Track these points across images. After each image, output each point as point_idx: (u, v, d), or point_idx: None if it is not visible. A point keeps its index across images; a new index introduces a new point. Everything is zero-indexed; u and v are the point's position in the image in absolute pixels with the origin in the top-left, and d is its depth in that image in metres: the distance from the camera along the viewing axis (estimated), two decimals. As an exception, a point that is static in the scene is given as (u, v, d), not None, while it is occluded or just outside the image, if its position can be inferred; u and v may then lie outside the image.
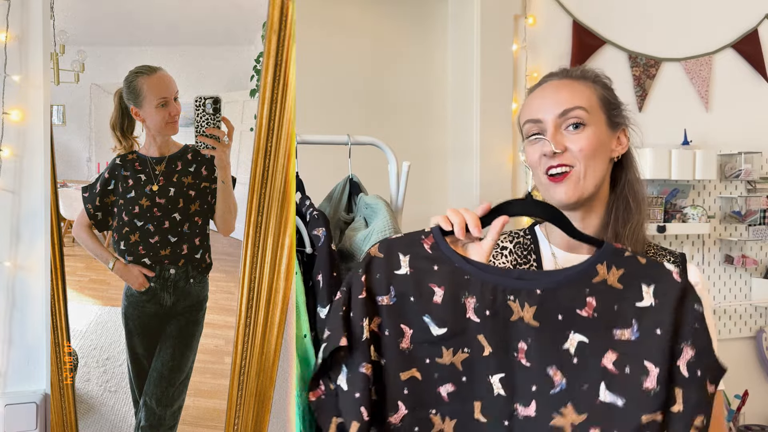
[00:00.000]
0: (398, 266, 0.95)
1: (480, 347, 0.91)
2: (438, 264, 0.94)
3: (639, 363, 0.85)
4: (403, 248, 0.96)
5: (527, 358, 0.89)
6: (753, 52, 2.46)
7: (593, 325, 0.88)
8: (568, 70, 1.16)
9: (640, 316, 0.87)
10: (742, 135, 2.44)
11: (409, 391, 0.92)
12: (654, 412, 0.83)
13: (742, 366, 2.47)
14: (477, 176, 2.04)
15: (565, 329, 0.88)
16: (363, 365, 0.90)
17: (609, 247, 0.91)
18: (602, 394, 0.86)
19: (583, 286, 0.89)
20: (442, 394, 0.92)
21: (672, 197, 2.28)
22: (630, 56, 2.29)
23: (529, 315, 0.89)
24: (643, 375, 0.85)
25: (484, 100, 2.05)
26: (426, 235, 0.96)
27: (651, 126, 2.27)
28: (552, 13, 2.19)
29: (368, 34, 2.08)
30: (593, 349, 0.87)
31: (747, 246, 2.46)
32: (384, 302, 0.94)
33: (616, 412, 0.85)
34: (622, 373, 0.86)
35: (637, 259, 0.90)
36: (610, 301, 0.88)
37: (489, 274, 0.92)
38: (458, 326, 0.92)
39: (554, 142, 1.07)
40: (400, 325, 0.93)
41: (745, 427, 2.35)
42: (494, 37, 2.07)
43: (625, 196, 1.12)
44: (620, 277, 0.89)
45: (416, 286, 0.94)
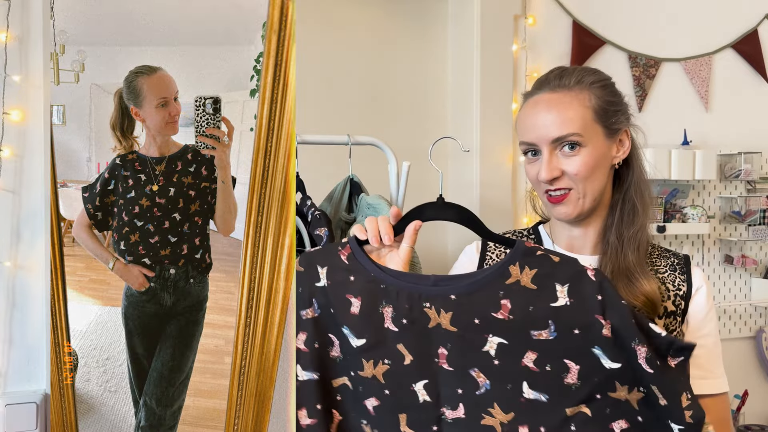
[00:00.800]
0: (318, 278, 0.95)
1: (401, 356, 0.91)
2: (354, 274, 0.93)
3: (559, 361, 0.86)
4: (321, 260, 0.95)
5: (449, 362, 0.90)
6: (753, 53, 2.46)
7: (510, 327, 0.88)
8: (561, 75, 1.09)
9: (556, 316, 0.86)
10: (741, 135, 2.44)
11: (342, 398, 0.94)
12: (577, 404, 0.85)
13: (741, 366, 2.47)
14: (477, 176, 2.04)
15: (482, 332, 0.88)
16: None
17: (521, 246, 0.90)
18: (526, 392, 0.87)
19: (496, 288, 0.88)
20: (368, 407, 0.93)
21: (672, 197, 2.28)
22: (630, 56, 2.29)
23: (446, 321, 0.89)
24: (564, 372, 0.86)
25: (484, 100, 2.05)
26: (343, 246, 0.96)
27: (651, 126, 2.25)
28: (552, 13, 2.19)
29: (368, 34, 2.08)
30: (513, 350, 0.88)
31: (747, 246, 2.46)
32: (308, 315, 0.95)
33: (541, 408, 0.87)
34: (543, 371, 0.87)
35: (550, 258, 0.89)
36: (524, 302, 0.87)
37: (404, 281, 0.91)
38: (377, 337, 0.92)
39: (549, 169, 1.04)
40: (329, 335, 0.94)
41: (745, 427, 2.35)
42: (494, 37, 2.07)
43: (631, 198, 1.10)
44: (533, 277, 0.88)
45: (334, 298, 0.94)
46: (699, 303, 1.11)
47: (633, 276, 1.05)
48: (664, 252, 1.16)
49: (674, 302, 1.09)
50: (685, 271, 1.12)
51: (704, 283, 1.12)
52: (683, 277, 1.11)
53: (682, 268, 1.12)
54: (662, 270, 1.12)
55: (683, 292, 1.10)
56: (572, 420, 0.86)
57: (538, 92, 1.10)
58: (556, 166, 1.05)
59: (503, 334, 0.88)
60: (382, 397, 0.91)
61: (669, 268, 1.12)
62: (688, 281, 1.11)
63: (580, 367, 0.85)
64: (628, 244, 1.07)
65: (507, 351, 0.88)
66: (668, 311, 1.08)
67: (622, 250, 1.07)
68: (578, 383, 0.85)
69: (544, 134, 1.05)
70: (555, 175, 1.05)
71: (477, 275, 0.90)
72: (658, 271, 1.12)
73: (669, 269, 1.12)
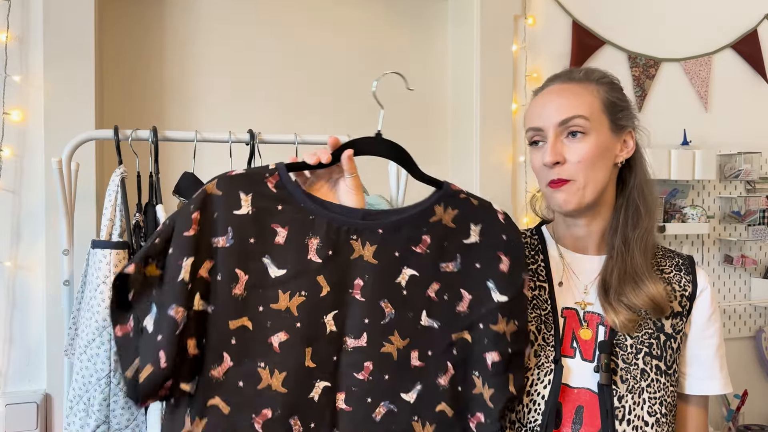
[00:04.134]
0: (238, 206, 0.89)
1: (318, 288, 0.90)
2: (282, 204, 0.90)
3: (456, 291, 0.96)
4: (245, 186, 0.90)
5: (362, 293, 0.92)
6: (752, 53, 2.46)
7: (424, 259, 0.95)
8: (571, 71, 1.13)
9: (465, 251, 0.97)
10: (741, 135, 2.45)
11: (237, 342, 0.87)
12: (461, 330, 0.95)
13: (741, 366, 2.47)
14: (477, 176, 2.04)
15: (399, 265, 0.94)
16: (172, 307, 0.83)
17: (447, 189, 0.99)
18: (423, 319, 0.94)
19: (421, 225, 0.96)
20: (273, 344, 0.87)
21: (671, 197, 2.29)
22: (629, 56, 2.29)
23: (369, 253, 0.93)
24: (457, 301, 0.96)
25: (484, 100, 2.05)
26: (271, 173, 0.92)
27: (651, 126, 2.25)
28: (552, 14, 2.19)
29: (368, 34, 2.08)
30: (421, 282, 0.95)
31: (746, 246, 2.46)
32: (220, 244, 0.87)
33: (432, 334, 0.94)
34: (441, 299, 0.95)
35: (470, 201, 0.99)
36: (441, 238, 0.96)
37: (335, 213, 0.93)
38: (298, 268, 0.89)
39: (553, 152, 1.04)
40: (235, 270, 0.87)
41: (744, 427, 2.35)
42: (494, 37, 2.07)
43: (634, 200, 1.10)
44: (454, 217, 0.97)
45: (257, 227, 0.89)
46: (704, 304, 1.11)
47: (640, 279, 1.05)
48: (668, 252, 1.16)
49: (680, 303, 1.09)
50: (690, 271, 1.12)
51: (708, 285, 1.12)
52: (689, 277, 1.11)
53: (687, 269, 1.12)
54: (668, 270, 1.12)
55: (689, 293, 1.10)
56: (455, 344, 0.94)
57: (548, 85, 1.13)
58: (559, 151, 1.05)
59: (417, 266, 0.95)
60: (293, 330, 0.88)
61: (674, 268, 1.12)
62: (694, 282, 1.11)
63: (472, 297, 0.95)
64: (634, 246, 1.07)
65: (416, 282, 0.94)
66: (674, 312, 1.08)
67: (629, 253, 1.07)
68: (467, 311, 0.95)
69: (550, 118, 1.06)
70: (558, 159, 1.04)
71: (404, 212, 0.96)
72: (664, 271, 1.12)
73: (674, 270, 1.12)
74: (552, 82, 1.12)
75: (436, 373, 0.93)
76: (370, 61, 2.08)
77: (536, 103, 1.11)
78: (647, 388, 1.04)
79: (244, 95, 1.93)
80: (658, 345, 1.07)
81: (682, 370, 1.11)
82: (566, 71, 1.14)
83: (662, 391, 1.05)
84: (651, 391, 1.04)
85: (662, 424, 1.06)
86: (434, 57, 2.17)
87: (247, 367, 0.87)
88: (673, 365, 1.08)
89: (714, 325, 1.11)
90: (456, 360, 0.94)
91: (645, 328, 1.07)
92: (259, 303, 0.88)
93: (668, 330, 1.08)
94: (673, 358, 1.08)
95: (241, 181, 0.90)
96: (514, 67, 2.11)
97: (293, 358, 0.88)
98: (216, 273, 0.87)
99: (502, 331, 0.94)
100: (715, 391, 1.11)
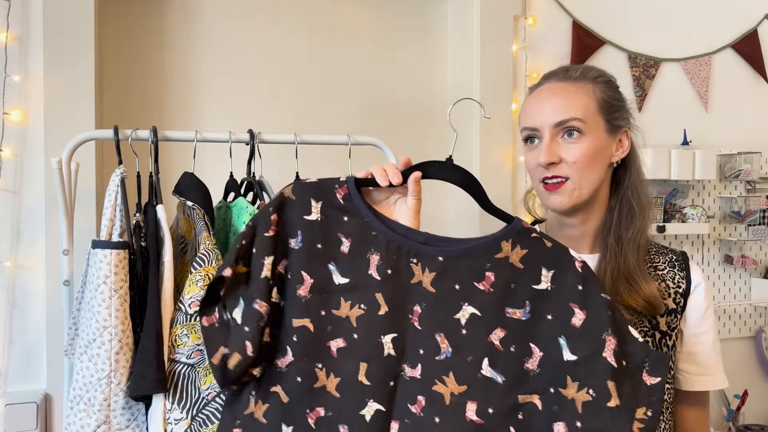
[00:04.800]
0: (309, 212, 0.93)
1: (377, 306, 0.90)
2: (348, 215, 0.93)
3: (525, 344, 0.87)
4: (316, 194, 0.94)
5: (419, 321, 0.89)
6: (752, 53, 2.46)
7: (488, 299, 0.88)
8: (567, 69, 1.12)
9: (534, 299, 0.87)
10: (741, 135, 2.45)
11: (298, 340, 0.91)
12: (530, 393, 0.85)
13: (741, 366, 2.47)
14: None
15: (459, 299, 0.89)
16: (257, 302, 0.89)
17: (518, 225, 0.91)
18: (484, 369, 0.87)
19: (485, 260, 0.89)
20: (332, 348, 0.91)
21: (671, 197, 2.29)
22: (629, 56, 2.29)
23: (427, 280, 0.90)
24: (526, 356, 0.86)
25: (484, 100, 2.05)
26: (340, 185, 0.95)
27: (651, 126, 2.26)
28: (552, 14, 2.19)
29: (368, 34, 2.08)
30: (483, 324, 0.88)
31: (746, 246, 2.46)
32: (292, 245, 0.93)
33: (495, 388, 0.86)
34: (507, 350, 0.87)
35: (543, 242, 0.90)
36: (508, 278, 0.89)
37: (396, 234, 0.92)
38: (359, 280, 0.91)
39: (549, 153, 1.05)
40: (301, 272, 0.92)
41: (744, 427, 2.35)
42: (494, 37, 2.07)
43: (628, 200, 1.10)
44: (522, 257, 0.89)
45: (324, 233, 0.92)
46: (697, 300, 1.11)
47: (633, 278, 1.05)
48: (661, 249, 1.16)
49: (674, 300, 1.09)
50: (684, 267, 1.12)
51: (702, 281, 1.12)
52: (682, 274, 1.11)
53: (680, 265, 1.12)
54: (661, 267, 1.12)
55: (683, 289, 1.10)
56: (521, 408, 0.85)
57: (544, 83, 1.12)
58: (555, 152, 1.05)
59: (479, 305, 0.88)
60: (351, 340, 0.90)
61: (668, 264, 1.12)
62: (687, 278, 1.11)
63: (543, 354, 0.86)
64: (627, 246, 1.07)
65: (477, 323, 0.88)
66: (669, 309, 1.08)
67: (622, 253, 1.07)
68: (537, 371, 0.86)
69: (546, 118, 1.06)
70: (553, 159, 1.05)
71: (469, 242, 0.91)
72: (657, 268, 1.12)
73: (668, 266, 1.12)
74: (548, 80, 1.12)
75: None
76: (370, 60, 2.08)
77: (531, 102, 1.11)
78: None
79: (244, 95, 1.93)
80: (654, 343, 1.07)
81: (680, 366, 1.11)
82: (562, 69, 1.13)
83: None
84: None
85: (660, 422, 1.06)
86: (434, 57, 2.17)
87: (305, 365, 0.91)
88: (669, 363, 1.08)
89: (709, 320, 1.11)
90: (521, 426, 0.85)
91: (640, 327, 1.07)
92: (321, 307, 0.91)
93: (663, 328, 1.08)
94: (669, 355, 1.08)
95: (313, 188, 0.95)
96: (514, 67, 2.11)
97: (348, 368, 0.90)
98: (288, 272, 0.92)
99: (571, 397, 0.83)
100: (714, 387, 1.11)
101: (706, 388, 1.11)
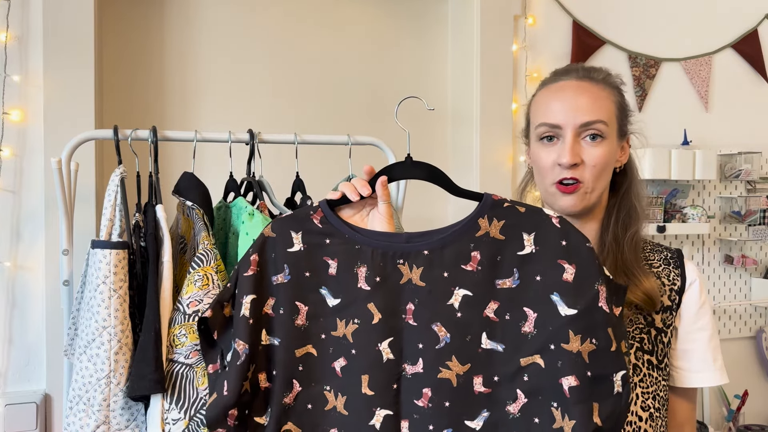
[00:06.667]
0: (291, 244, 0.95)
1: (369, 316, 0.91)
2: (329, 237, 0.95)
3: (519, 309, 0.88)
4: (295, 225, 0.96)
5: (414, 318, 0.91)
6: (753, 52, 2.46)
7: (477, 277, 0.90)
8: (588, 69, 1.10)
9: (521, 264, 0.89)
10: (741, 135, 2.45)
11: (304, 368, 0.93)
12: (532, 354, 0.87)
13: (742, 366, 2.47)
14: (477, 176, 2.04)
15: (450, 285, 0.90)
16: (236, 341, 0.91)
17: (488, 200, 0.93)
18: (484, 342, 0.89)
19: (467, 241, 0.91)
20: (336, 369, 0.93)
21: (672, 197, 2.29)
22: (630, 56, 2.29)
23: (416, 276, 0.91)
24: (522, 320, 0.88)
25: (484, 100, 2.05)
26: (314, 210, 0.97)
27: (651, 126, 2.26)
28: (552, 13, 2.19)
29: (368, 34, 2.08)
30: (476, 301, 0.90)
31: (747, 246, 2.46)
32: (279, 281, 0.94)
33: (497, 358, 0.88)
34: (503, 320, 0.89)
35: (516, 209, 0.92)
36: (493, 252, 0.90)
37: (378, 240, 0.93)
38: (350, 297, 0.93)
39: (572, 153, 1.03)
40: (295, 302, 0.93)
41: (744, 427, 2.35)
42: (494, 37, 2.07)
43: (629, 201, 1.10)
44: (501, 228, 0.91)
45: (310, 261, 0.94)
46: (692, 297, 1.11)
47: (631, 273, 1.06)
48: (656, 247, 1.16)
49: (669, 297, 1.10)
50: (678, 265, 1.12)
51: (698, 277, 1.12)
52: (677, 271, 1.11)
53: (675, 262, 1.13)
54: (656, 264, 1.12)
55: (678, 287, 1.10)
56: (525, 370, 0.87)
57: (564, 78, 1.09)
58: (578, 152, 1.04)
59: (470, 285, 0.90)
60: (350, 356, 0.92)
61: (663, 262, 1.12)
62: (682, 275, 1.11)
63: (537, 315, 0.87)
64: (624, 243, 1.08)
65: (471, 303, 0.90)
66: (664, 306, 1.09)
67: (619, 249, 1.08)
68: (534, 332, 0.87)
69: (572, 117, 1.04)
70: (577, 160, 1.03)
71: (448, 230, 0.92)
72: (652, 265, 1.12)
73: (663, 263, 1.12)
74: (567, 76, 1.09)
75: (505, 401, 0.87)
76: (370, 61, 2.08)
77: (553, 98, 1.08)
78: (640, 383, 1.04)
79: (244, 95, 1.93)
80: (649, 339, 1.07)
81: (674, 363, 1.11)
82: (582, 67, 1.10)
83: (655, 385, 1.06)
84: (644, 386, 1.05)
85: (656, 418, 1.06)
86: (434, 57, 2.17)
87: (314, 390, 0.93)
88: (665, 359, 1.08)
89: (704, 317, 1.11)
90: (528, 388, 0.86)
91: (636, 323, 1.07)
92: (320, 331, 0.94)
93: (659, 324, 1.08)
94: (665, 352, 1.08)
95: (289, 221, 0.96)
96: (514, 67, 2.11)
97: (351, 384, 0.91)
98: (278, 308, 0.94)
99: (576, 350, 0.84)
100: (708, 383, 1.11)
101: (700, 384, 1.11)
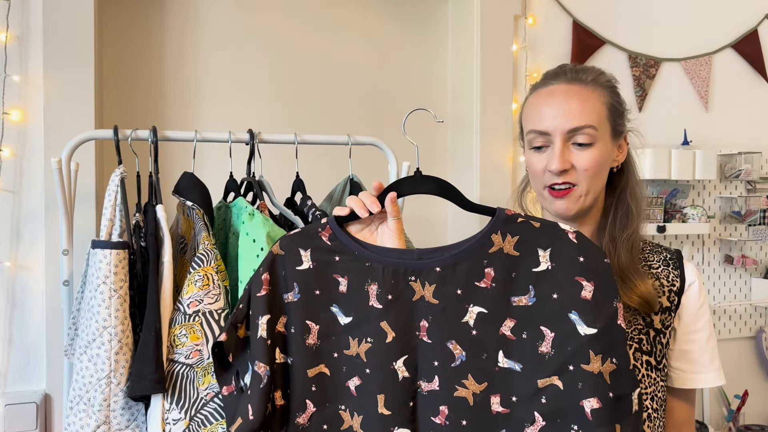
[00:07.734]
0: (300, 262, 0.93)
1: (383, 334, 0.90)
2: (339, 255, 0.93)
3: (535, 328, 0.86)
4: (303, 243, 0.94)
5: (428, 335, 0.89)
6: (753, 52, 2.46)
7: (491, 294, 0.88)
8: (578, 71, 1.08)
9: (537, 281, 0.87)
10: (741, 135, 2.45)
11: (317, 388, 0.92)
12: (549, 375, 0.84)
13: (742, 366, 2.47)
14: (477, 176, 2.04)
15: (464, 302, 0.88)
16: (256, 363, 0.90)
17: (502, 215, 0.90)
18: (500, 361, 0.87)
19: (480, 258, 0.89)
20: (350, 388, 0.91)
21: (672, 197, 2.28)
22: (630, 56, 2.29)
23: (429, 293, 0.89)
24: (539, 340, 0.86)
25: (484, 100, 2.05)
26: (323, 227, 0.95)
27: (651, 126, 2.27)
28: (552, 13, 2.19)
29: (368, 34, 2.08)
30: (492, 319, 0.88)
31: (747, 246, 2.46)
32: (289, 299, 0.93)
33: (514, 377, 0.86)
34: (520, 338, 0.87)
35: (531, 224, 0.89)
36: (507, 269, 0.88)
37: (389, 257, 0.91)
38: (362, 315, 0.91)
39: (561, 160, 1.02)
40: (306, 321, 0.92)
41: (745, 427, 2.35)
42: (494, 37, 2.07)
43: (626, 201, 1.10)
44: (516, 244, 0.88)
45: (320, 279, 0.93)
46: (691, 298, 1.11)
47: (627, 276, 1.05)
48: (656, 247, 1.15)
49: (668, 298, 1.09)
50: (678, 266, 1.12)
51: (697, 278, 1.12)
52: (677, 272, 1.11)
53: (675, 263, 1.12)
54: (655, 265, 1.12)
55: (677, 288, 1.10)
56: (543, 392, 0.84)
57: (553, 82, 1.08)
58: (567, 158, 1.03)
59: (484, 303, 0.88)
60: (365, 375, 0.91)
61: (662, 263, 1.12)
62: (681, 276, 1.11)
63: (555, 335, 0.85)
64: (621, 246, 1.07)
65: (486, 320, 0.88)
66: (663, 307, 1.08)
67: (615, 252, 1.07)
68: (551, 352, 0.84)
69: (560, 123, 1.03)
70: (566, 167, 1.03)
71: (460, 246, 0.90)
72: (651, 266, 1.12)
73: (662, 264, 1.12)
74: (555, 80, 1.08)
75: (523, 423, 0.85)
76: (371, 61, 2.08)
77: (541, 103, 1.07)
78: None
79: (244, 95, 1.93)
80: (648, 340, 1.07)
81: (673, 364, 1.11)
82: (571, 69, 1.09)
83: (653, 386, 1.06)
84: (642, 387, 1.04)
85: (653, 419, 1.06)
86: (434, 57, 2.17)
87: (329, 411, 0.92)
88: (663, 360, 1.08)
89: (702, 318, 1.11)
90: (546, 410, 0.84)
91: (634, 324, 1.07)
92: (333, 350, 0.93)
93: (657, 325, 1.08)
94: (663, 353, 1.08)
95: (298, 238, 0.95)
96: (514, 67, 2.11)
97: (367, 404, 0.90)
98: (290, 326, 0.93)
99: (597, 371, 0.82)
100: (706, 384, 1.11)
101: (698, 385, 1.11)
